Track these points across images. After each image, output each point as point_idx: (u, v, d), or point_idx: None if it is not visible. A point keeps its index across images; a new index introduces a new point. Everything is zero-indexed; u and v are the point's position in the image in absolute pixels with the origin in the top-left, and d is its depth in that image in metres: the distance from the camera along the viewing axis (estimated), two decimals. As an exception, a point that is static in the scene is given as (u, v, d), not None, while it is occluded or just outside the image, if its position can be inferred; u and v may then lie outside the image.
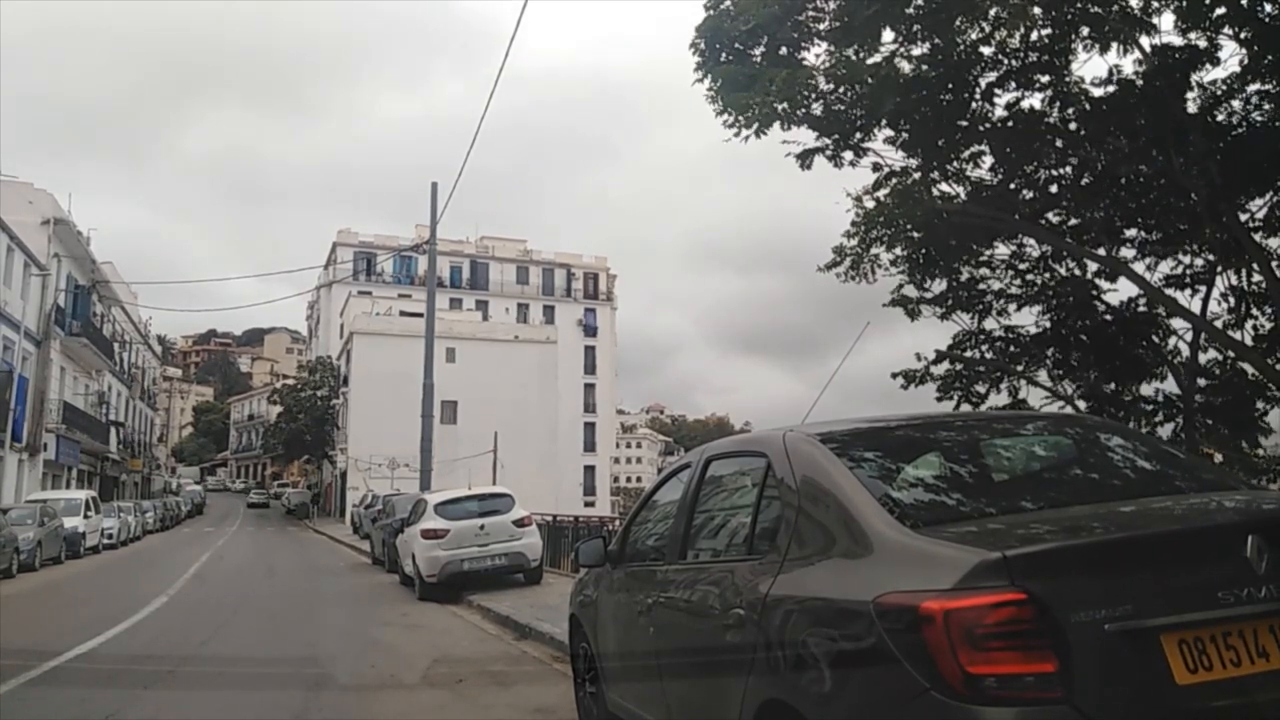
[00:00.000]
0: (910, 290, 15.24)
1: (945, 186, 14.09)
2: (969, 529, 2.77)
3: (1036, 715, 2.27)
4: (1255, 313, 13.26)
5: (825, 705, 2.71)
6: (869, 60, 12.21)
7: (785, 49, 12.37)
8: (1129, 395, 14.59)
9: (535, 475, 42.28)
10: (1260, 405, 13.56)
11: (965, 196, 14.05)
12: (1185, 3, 11.46)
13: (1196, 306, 13.63)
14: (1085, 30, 12.20)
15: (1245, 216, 12.71)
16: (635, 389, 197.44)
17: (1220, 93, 12.39)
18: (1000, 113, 13.33)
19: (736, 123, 12.09)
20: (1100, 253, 14.06)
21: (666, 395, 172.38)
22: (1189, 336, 14.10)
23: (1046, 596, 2.30)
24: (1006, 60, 12.80)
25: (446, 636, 10.02)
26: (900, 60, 12.58)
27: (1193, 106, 12.44)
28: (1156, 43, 12.17)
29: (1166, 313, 14.06)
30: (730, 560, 3.65)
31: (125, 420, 50.00)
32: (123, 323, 49.60)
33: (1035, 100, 13.35)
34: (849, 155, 13.29)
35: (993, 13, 11.91)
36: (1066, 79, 12.94)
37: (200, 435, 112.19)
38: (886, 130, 13.29)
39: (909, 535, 2.74)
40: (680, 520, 4.16)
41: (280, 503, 62.86)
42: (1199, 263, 13.83)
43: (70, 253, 35.51)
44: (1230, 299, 13.38)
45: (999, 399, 15.23)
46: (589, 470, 65.46)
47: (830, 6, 12.34)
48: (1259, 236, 12.81)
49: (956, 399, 15.35)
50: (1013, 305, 15.51)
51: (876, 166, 13.83)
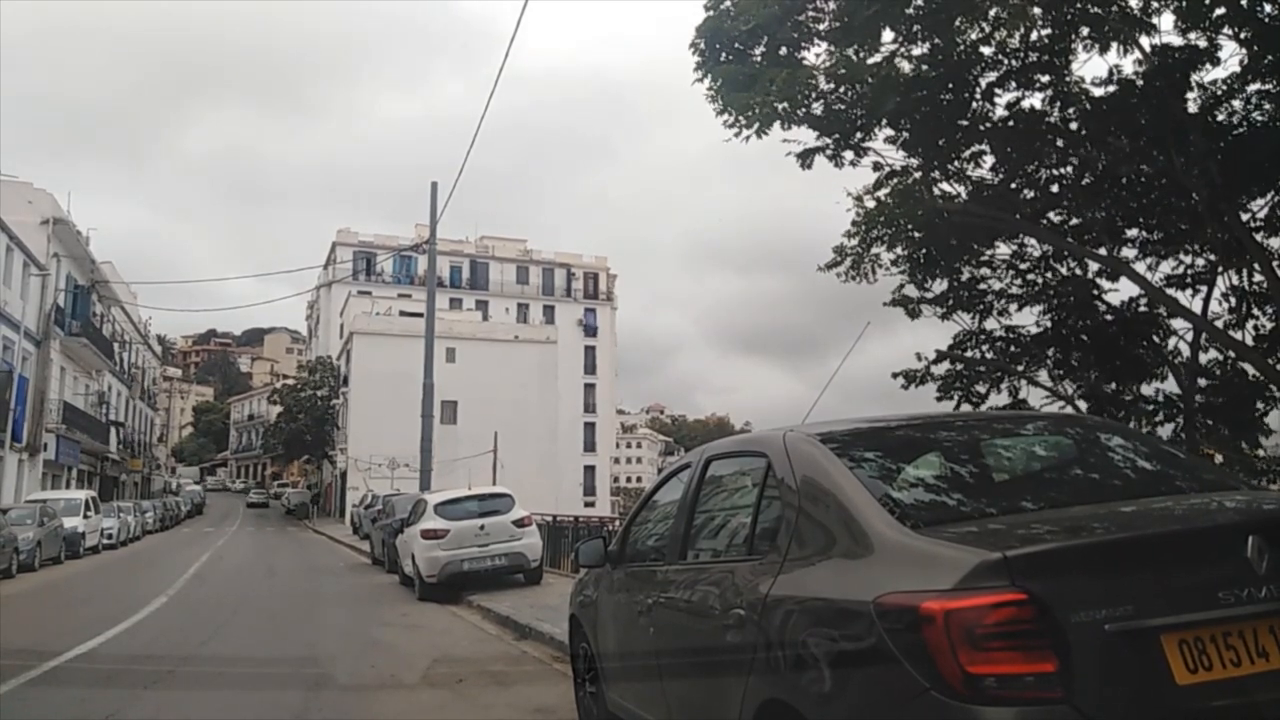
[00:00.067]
0: (911, 290, 15.25)
1: (946, 186, 14.10)
2: (969, 529, 2.77)
3: (1036, 715, 2.27)
4: (1256, 313, 13.26)
5: (825, 705, 2.71)
6: (869, 60, 12.22)
7: (785, 49, 12.37)
8: (1129, 395, 14.58)
9: (535, 475, 42.28)
10: (1260, 405, 13.56)
11: (966, 196, 14.04)
12: (1185, 3, 11.47)
13: (1197, 306, 13.64)
14: (1085, 30, 12.21)
15: (1246, 216, 12.71)
16: (635, 389, 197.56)
17: (1220, 93, 12.39)
18: (1001, 112, 13.35)
19: (737, 123, 12.10)
20: (1101, 252, 14.05)
21: (666, 395, 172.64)
22: (1189, 336, 14.09)
23: (1047, 596, 2.30)
24: (1007, 60, 12.81)
25: (446, 636, 10.01)
26: (900, 60, 12.58)
27: (1193, 106, 12.45)
28: (1156, 43, 12.20)
29: (1167, 313, 14.05)
30: (730, 560, 3.65)
31: (125, 420, 50.01)
32: (122, 323, 49.61)
33: (1036, 100, 13.38)
34: (849, 155, 13.29)
35: (993, 13, 11.93)
36: (1067, 79, 12.94)
37: (200, 435, 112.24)
38: (887, 130, 13.30)
39: (909, 535, 2.73)
40: (680, 520, 4.16)
41: (280, 503, 62.83)
42: (1200, 263, 13.83)
43: (70, 253, 35.52)
44: (1231, 299, 13.38)
45: (999, 399, 15.23)
46: (589, 470, 65.48)
47: (830, 6, 12.34)
48: (1260, 236, 12.81)
49: (957, 399, 15.35)
50: (1013, 305, 15.51)
51: (877, 166, 13.84)
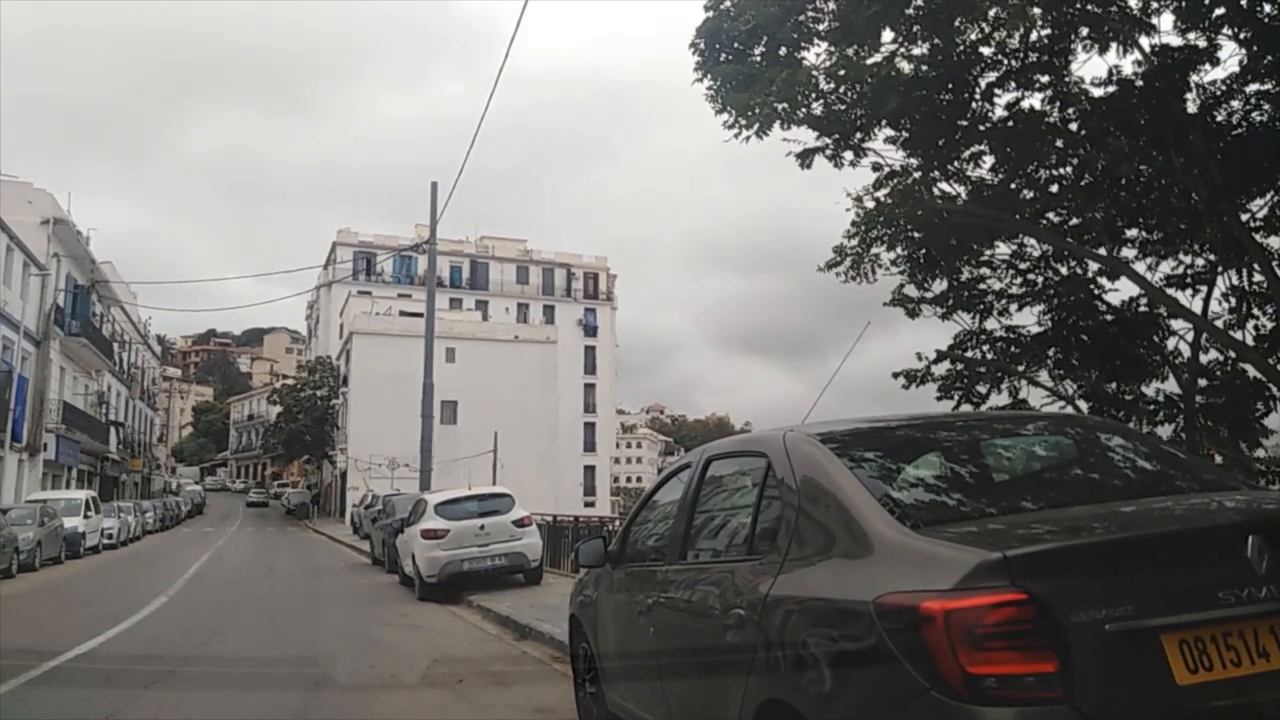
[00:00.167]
0: (911, 290, 15.23)
1: (946, 186, 14.09)
2: (969, 529, 2.77)
3: (1037, 715, 2.27)
4: (1256, 313, 13.23)
5: (825, 705, 2.71)
6: (869, 60, 12.21)
7: (785, 49, 12.36)
8: (1130, 395, 14.56)
9: (535, 475, 42.29)
10: (1260, 406, 13.54)
11: (966, 196, 14.03)
12: (1185, 3, 11.45)
13: (1197, 306, 13.62)
14: (1085, 30, 12.20)
15: (1246, 216, 12.70)
16: (635, 389, 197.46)
17: (1220, 93, 12.38)
18: (1000, 113, 13.33)
19: (737, 123, 12.09)
20: (1101, 252, 14.04)
21: (666, 395, 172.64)
22: (1190, 336, 14.08)
23: (1047, 596, 2.30)
24: (1006, 60, 12.80)
25: (446, 636, 10.02)
26: (900, 60, 12.58)
27: (1193, 106, 12.43)
28: (1156, 43, 12.19)
29: (1167, 313, 14.03)
30: (730, 560, 3.65)
31: (125, 420, 50.01)
32: (122, 323, 49.61)
33: (1035, 100, 13.36)
34: (849, 155, 13.27)
35: (992, 13, 11.92)
36: (1066, 79, 12.93)
37: (200, 435, 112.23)
38: (887, 130, 13.28)
39: (909, 535, 2.74)
40: (680, 520, 4.16)
41: (280, 503, 62.86)
42: (1200, 263, 13.80)
43: (70, 252, 35.52)
44: (1231, 299, 13.36)
45: (999, 399, 15.22)
46: (589, 470, 65.49)
47: (830, 7, 12.34)
48: (1260, 236, 12.80)
49: (957, 399, 15.34)
50: (1013, 305, 15.48)
51: (876, 166, 13.82)
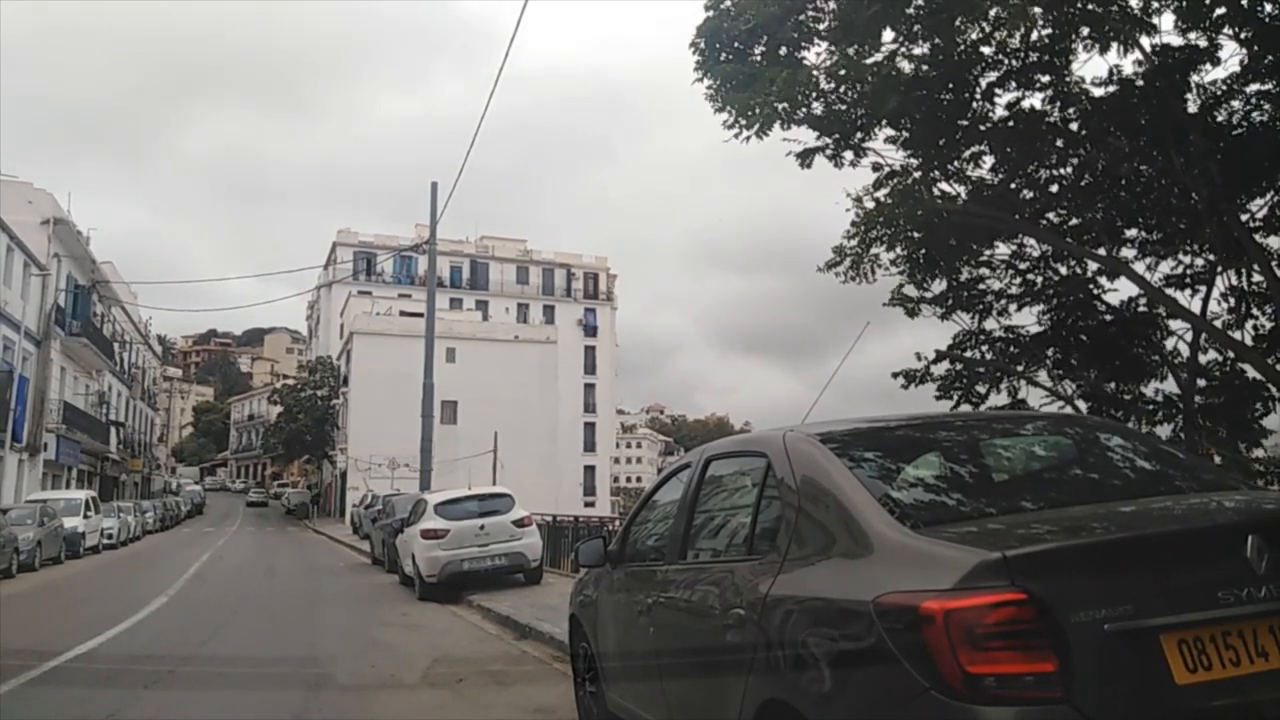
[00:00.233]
0: (910, 290, 15.23)
1: (945, 186, 14.07)
2: (969, 529, 2.77)
3: (1036, 715, 2.28)
4: (1255, 313, 13.22)
5: (825, 705, 2.72)
6: (869, 60, 12.20)
7: (785, 49, 12.35)
8: (1129, 395, 14.56)
9: (535, 475, 42.30)
10: (1259, 406, 13.53)
11: (965, 196, 14.02)
12: (1185, 3, 11.45)
13: (1196, 306, 13.62)
14: (1085, 30, 12.19)
15: (1245, 216, 12.69)
16: (635, 389, 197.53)
17: (1220, 93, 12.37)
18: (1000, 112, 13.31)
19: (737, 123, 12.08)
20: (1100, 253, 14.03)
21: (666, 395, 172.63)
22: (1189, 336, 14.08)
23: (1046, 596, 2.31)
24: (1007, 60, 12.79)
25: (446, 636, 10.02)
26: (901, 60, 12.57)
27: (1193, 106, 12.42)
28: (1156, 43, 12.17)
29: (1166, 313, 14.03)
30: (730, 560, 3.66)
31: (125, 420, 50.02)
32: (123, 323, 49.62)
33: (1036, 100, 13.34)
34: (849, 155, 13.25)
35: (993, 13, 11.91)
36: (1067, 79, 12.92)
37: (200, 435, 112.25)
38: (887, 130, 13.27)
39: (909, 535, 2.74)
40: (680, 520, 4.16)
41: (280, 503, 62.89)
42: (1199, 263, 13.79)
43: (70, 253, 35.53)
44: (1230, 299, 13.35)
45: (999, 399, 15.21)
46: (589, 470, 65.49)
47: (830, 6, 12.33)
48: (1259, 236, 12.80)
49: (956, 399, 15.33)
50: (1013, 305, 15.47)
51: (876, 166, 13.80)
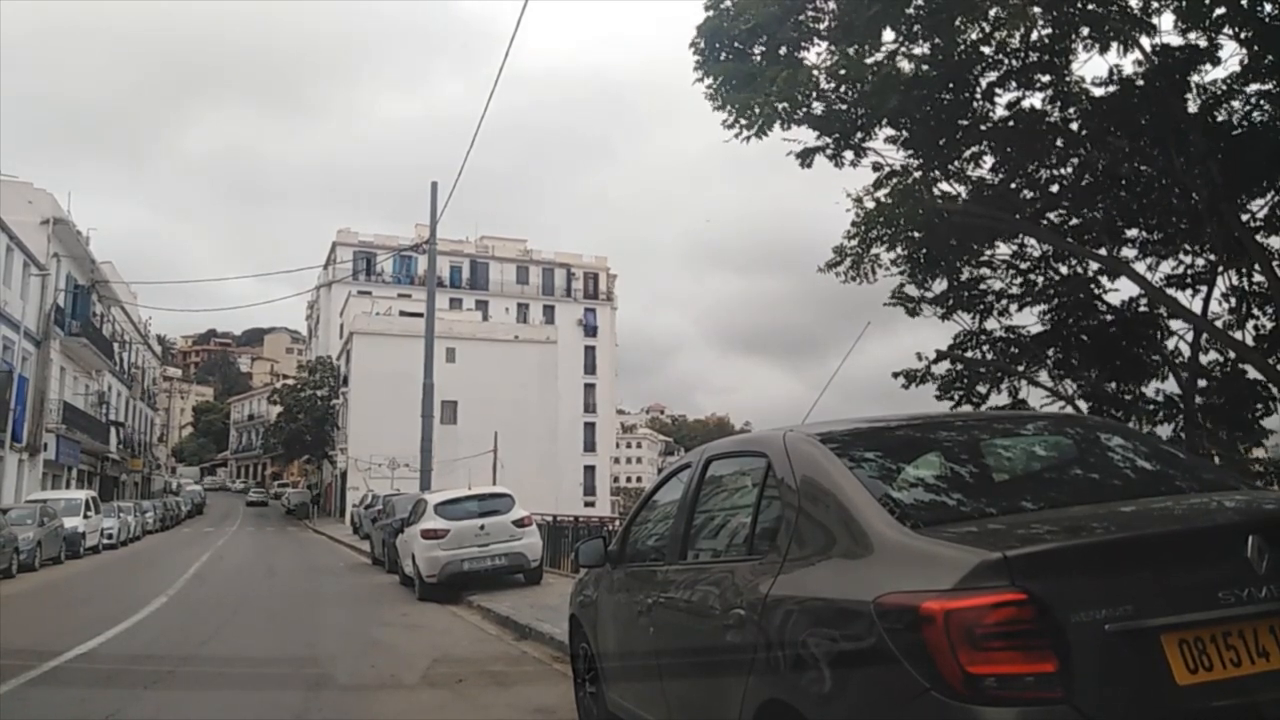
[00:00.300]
0: (911, 289, 15.23)
1: (946, 186, 14.06)
2: (969, 529, 2.77)
3: (1037, 715, 2.27)
4: (1256, 313, 13.22)
5: (825, 705, 2.71)
6: (869, 59, 12.20)
7: (785, 48, 12.35)
8: (1130, 395, 14.55)
9: (535, 475, 42.29)
10: (1260, 406, 13.53)
11: (966, 196, 14.02)
12: (1185, 3, 11.44)
13: (1197, 306, 13.61)
14: (1085, 30, 12.19)
15: (1246, 216, 12.69)
16: (635, 389, 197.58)
17: (1220, 92, 12.37)
18: (1001, 112, 13.32)
19: (736, 123, 12.08)
20: (1101, 253, 14.03)
21: (666, 395, 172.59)
22: (1189, 337, 14.07)
23: (1047, 596, 2.30)
24: (1007, 60, 12.78)
25: (446, 636, 10.02)
26: (901, 60, 12.56)
27: (1193, 106, 12.42)
28: (1156, 43, 12.17)
29: (1167, 313, 14.03)
30: (730, 560, 3.65)
31: (125, 420, 50.02)
32: (122, 323, 49.62)
33: (1036, 100, 13.34)
34: (849, 155, 13.25)
35: (993, 13, 11.90)
36: (1067, 79, 12.92)
37: (200, 435, 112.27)
38: (887, 130, 13.27)
39: (909, 535, 2.73)
40: (680, 520, 4.16)
41: (280, 503, 62.94)
42: (1200, 263, 13.80)
43: (70, 252, 35.53)
44: (1231, 299, 13.35)
45: (999, 399, 15.21)
46: (589, 470, 65.49)
47: (830, 6, 12.32)
48: (1260, 236, 12.80)
49: (957, 399, 15.33)
50: (1013, 305, 15.47)
51: (877, 166, 13.79)
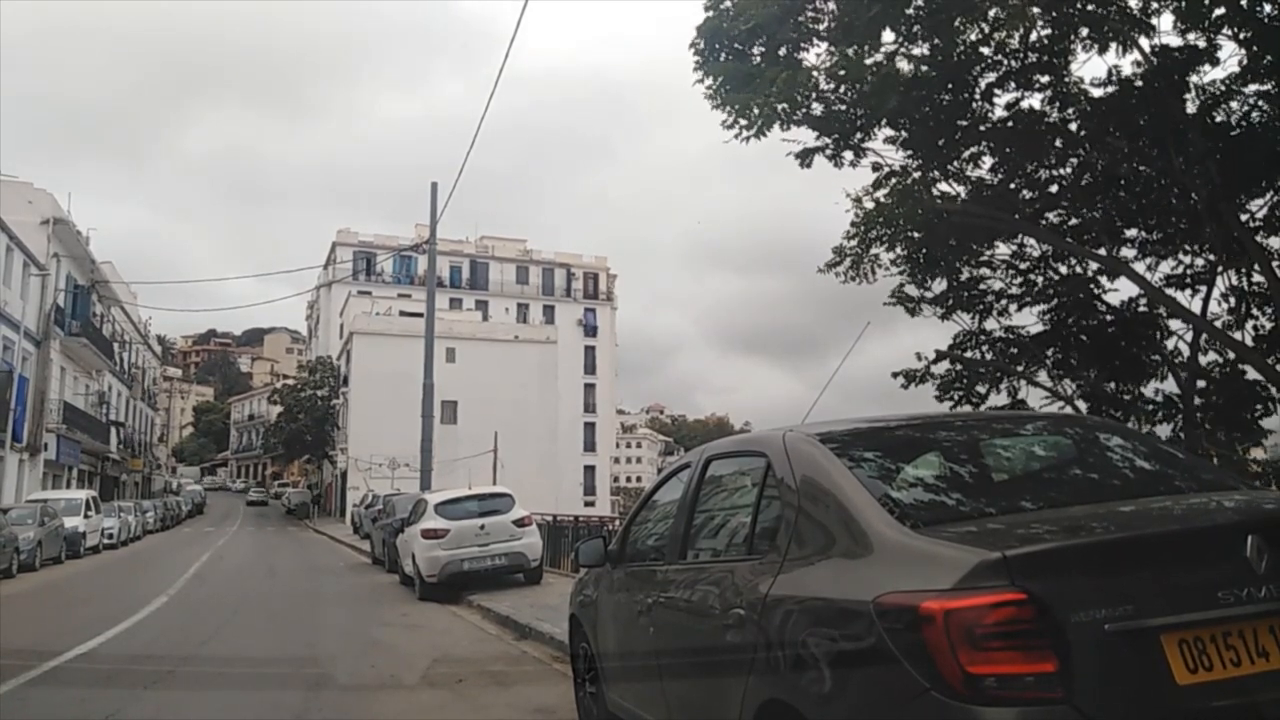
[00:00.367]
0: (911, 289, 15.24)
1: (945, 186, 14.07)
2: (969, 529, 2.77)
3: (1037, 715, 2.28)
4: (1255, 313, 13.23)
5: (825, 705, 2.71)
6: (869, 60, 12.20)
7: (785, 49, 12.35)
8: (1129, 395, 14.56)
9: (535, 475, 42.29)
10: (1259, 407, 13.53)
11: (965, 196, 14.02)
12: (1185, 3, 11.45)
13: (1196, 307, 13.62)
14: (1085, 30, 12.19)
15: (1245, 216, 12.69)
16: (635, 389, 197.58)
17: (1220, 93, 12.37)
18: (1000, 113, 13.32)
19: (736, 123, 12.08)
20: (1100, 253, 14.04)
21: (666, 395, 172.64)
22: (1189, 337, 14.08)
23: (1046, 596, 2.31)
24: (1006, 60, 12.79)
25: (446, 636, 10.02)
26: (900, 60, 12.57)
27: (1192, 107, 12.42)
28: (1156, 43, 12.18)
29: (1166, 313, 14.03)
30: (730, 560, 3.65)
31: (125, 420, 50.02)
32: (123, 323, 49.62)
33: (1035, 100, 13.34)
34: (849, 155, 13.25)
35: (992, 13, 11.91)
36: (1066, 79, 12.92)
37: (200, 435, 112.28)
38: (887, 130, 13.27)
39: (909, 535, 2.74)
40: (680, 520, 4.16)
41: (280, 502, 62.96)
42: (1199, 263, 13.80)
43: (70, 253, 35.52)
44: (1230, 299, 13.36)
45: (999, 399, 15.21)
46: (589, 470, 65.48)
47: (830, 7, 12.32)
48: (1259, 236, 12.80)
49: (957, 399, 15.34)
50: (1013, 305, 15.48)
51: (876, 166, 13.79)
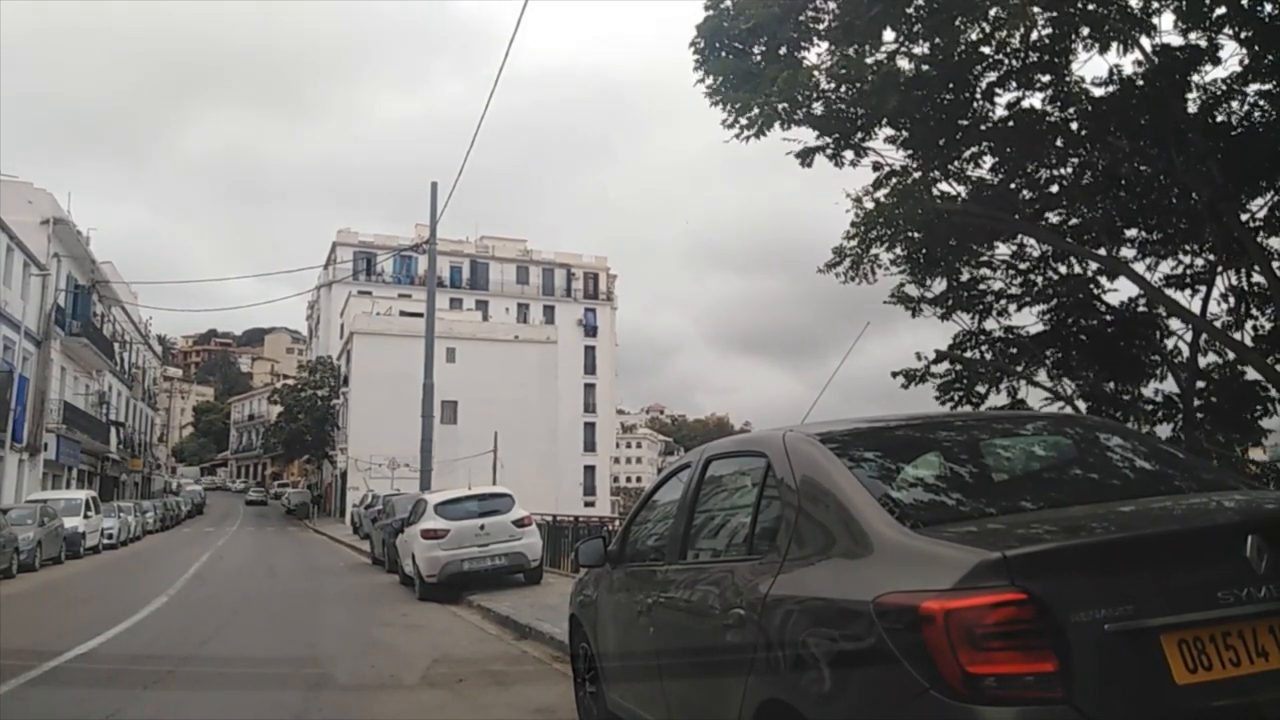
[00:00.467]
0: (911, 289, 15.24)
1: (945, 186, 14.05)
2: (969, 529, 2.77)
3: (1036, 715, 2.28)
4: (1255, 313, 13.22)
5: (825, 705, 2.71)
6: (870, 59, 12.20)
7: (785, 48, 12.33)
8: (1128, 395, 14.55)
9: (535, 475, 42.31)
10: (1258, 407, 13.52)
11: (965, 196, 14.01)
12: (1185, 3, 11.44)
13: (1196, 307, 13.61)
14: (1085, 30, 12.18)
15: (1246, 216, 12.69)
16: (635, 389, 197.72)
17: (1221, 92, 12.36)
18: (1001, 112, 13.29)
19: (736, 123, 12.07)
20: (1100, 253, 14.03)
21: (666, 395, 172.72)
22: (1189, 337, 14.07)
23: (1046, 596, 2.30)
24: (1007, 60, 12.77)
25: (446, 636, 10.02)
26: (901, 60, 12.56)
27: (1193, 106, 12.41)
28: (1157, 43, 12.17)
29: (1166, 313, 14.02)
30: (730, 560, 3.65)
31: (125, 420, 50.02)
32: (123, 323, 49.63)
33: (1036, 100, 13.31)
34: (849, 155, 13.23)
35: (993, 13, 11.90)
36: (1067, 79, 12.91)
37: (200, 435, 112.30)
38: (887, 130, 13.26)
39: (909, 535, 2.74)
40: (680, 520, 4.16)
41: (280, 502, 62.98)
42: (1199, 263, 13.79)
43: (70, 252, 35.53)
44: (1230, 299, 13.35)
45: (999, 399, 15.21)
46: (589, 470, 65.50)
47: (830, 6, 12.31)
48: (1260, 236, 12.79)
49: (957, 399, 15.33)
50: (1013, 305, 15.47)
51: (877, 166, 13.77)
